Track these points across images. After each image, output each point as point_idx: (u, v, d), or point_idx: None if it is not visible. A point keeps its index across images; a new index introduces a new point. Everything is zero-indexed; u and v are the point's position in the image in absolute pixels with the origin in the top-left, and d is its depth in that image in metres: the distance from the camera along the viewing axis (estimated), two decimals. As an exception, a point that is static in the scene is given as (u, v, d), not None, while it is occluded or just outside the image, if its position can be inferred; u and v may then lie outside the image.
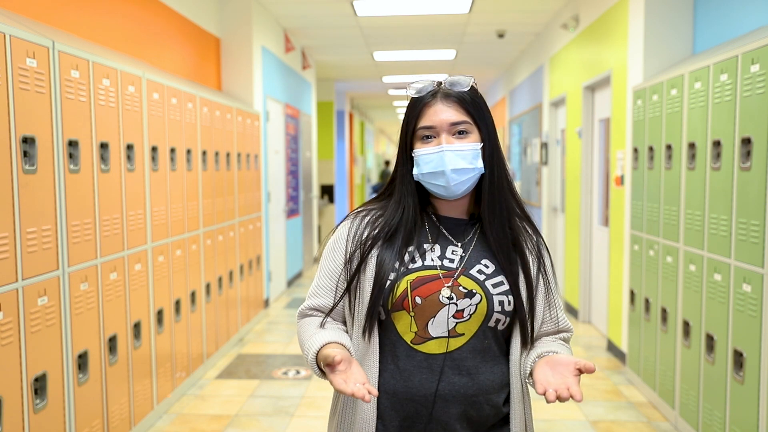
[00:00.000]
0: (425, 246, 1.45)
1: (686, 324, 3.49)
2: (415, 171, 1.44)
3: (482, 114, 1.44)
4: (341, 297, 1.46)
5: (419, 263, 1.43)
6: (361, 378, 1.24)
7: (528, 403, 1.48)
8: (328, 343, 1.36)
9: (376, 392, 1.22)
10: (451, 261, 1.44)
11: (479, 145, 1.42)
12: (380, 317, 1.42)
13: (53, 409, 2.66)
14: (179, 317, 4.06)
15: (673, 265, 3.65)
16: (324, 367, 1.29)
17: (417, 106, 1.44)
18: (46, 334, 2.62)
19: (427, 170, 1.41)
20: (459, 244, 1.46)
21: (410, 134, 1.44)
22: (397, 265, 1.41)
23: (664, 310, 3.79)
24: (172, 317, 3.94)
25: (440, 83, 1.45)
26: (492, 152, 1.44)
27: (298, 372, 4.67)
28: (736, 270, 2.95)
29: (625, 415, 3.87)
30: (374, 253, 1.44)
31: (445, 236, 1.47)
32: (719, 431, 3.11)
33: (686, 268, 3.48)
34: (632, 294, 4.35)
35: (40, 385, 2.58)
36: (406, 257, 1.43)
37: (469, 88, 1.44)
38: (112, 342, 3.18)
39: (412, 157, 1.45)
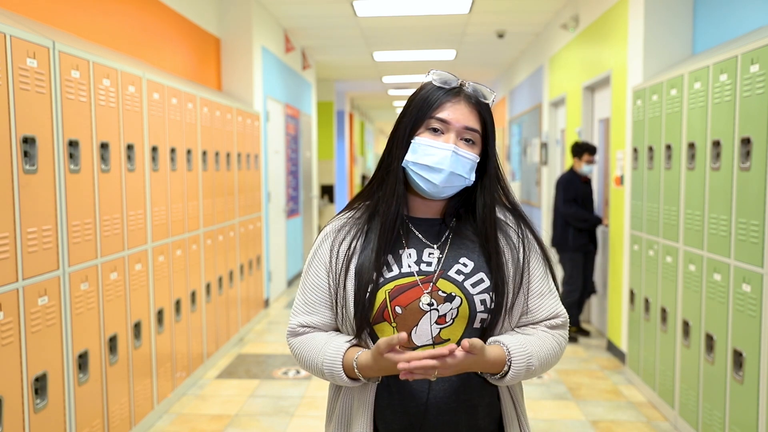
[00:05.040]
0: (400, 251, 1.41)
1: (686, 324, 3.49)
2: (408, 157, 1.39)
3: (493, 128, 1.43)
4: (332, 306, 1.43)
5: (396, 271, 1.39)
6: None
7: (520, 403, 1.46)
8: (351, 348, 1.36)
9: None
10: (429, 264, 1.40)
11: (478, 158, 1.41)
12: (366, 331, 1.38)
13: (53, 408, 2.67)
14: (179, 317, 4.06)
15: (672, 265, 3.65)
16: (383, 354, 1.25)
17: (437, 96, 1.39)
18: (46, 334, 2.62)
19: (426, 162, 1.36)
20: (435, 246, 1.42)
21: (419, 120, 1.39)
22: (374, 275, 1.37)
23: (663, 310, 3.80)
24: (172, 317, 3.94)
25: (463, 83, 1.41)
26: (495, 163, 1.43)
27: (298, 372, 4.67)
28: (735, 270, 2.95)
29: (625, 415, 3.88)
30: (353, 264, 1.40)
31: (420, 239, 1.43)
32: (719, 431, 3.11)
33: (686, 268, 3.48)
34: (632, 294, 4.36)
35: (40, 385, 2.58)
36: (383, 267, 1.39)
37: (490, 101, 1.42)
38: (113, 342, 3.18)
39: (409, 143, 1.40)
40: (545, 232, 6.80)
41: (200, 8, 5.45)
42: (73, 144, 2.83)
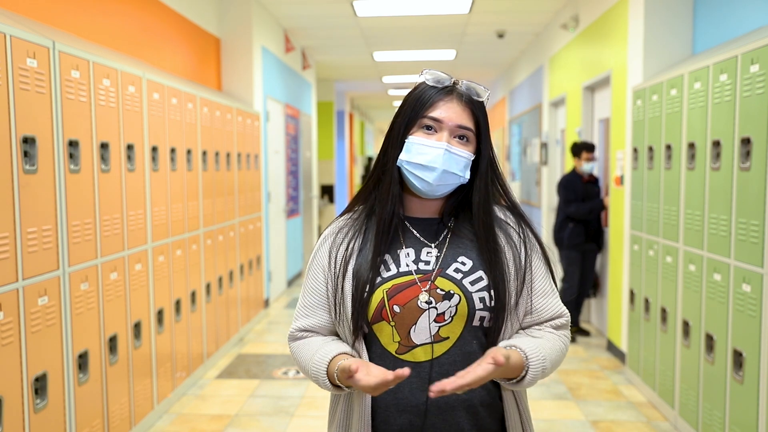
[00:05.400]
0: (398, 251, 1.42)
1: (686, 324, 3.49)
2: (402, 156, 1.40)
3: (486, 126, 1.43)
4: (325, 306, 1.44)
5: (393, 270, 1.39)
6: (382, 370, 1.22)
7: (523, 402, 1.46)
8: (336, 356, 1.35)
9: (406, 371, 1.19)
10: (427, 263, 1.40)
11: (472, 156, 1.41)
12: (364, 331, 1.39)
13: (53, 408, 2.67)
14: (179, 317, 4.06)
15: (672, 265, 3.66)
16: (345, 379, 1.28)
17: (430, 95, 1.40)
18: (46, 334, 2.62)
19: (419, 161, 1.37)
20: (433, 245, 1.43)
21: (413, 119, 1.40)
22: (371, 275, 1.38)
23: (663, 310, 3.80)
24: (172, 317, 3.94)
25: (456, 81, 1.42)
26: (488, 161, 1.42)
27: (298, 372, 4.67)
28: (735, 270, 2.95)
29: (625, 415, 3.88)
30: (351, 266, 1.41)
31: (418, 238, 1.43)
32: (719, 431, 3.11)
33: (686, 268, 3.48)
34: (632, 294, 4.36)
35: (40, 385, 2.58)
36: (381, 266, 1.39)
37: (483, 99, 1.42)
38: (113, 342, 3.19)
39: (403, 143, 1.40)
40: (545, 232, 6.81)
41: (200, 8, 5.45)
42: (73, 144, 2.83)
